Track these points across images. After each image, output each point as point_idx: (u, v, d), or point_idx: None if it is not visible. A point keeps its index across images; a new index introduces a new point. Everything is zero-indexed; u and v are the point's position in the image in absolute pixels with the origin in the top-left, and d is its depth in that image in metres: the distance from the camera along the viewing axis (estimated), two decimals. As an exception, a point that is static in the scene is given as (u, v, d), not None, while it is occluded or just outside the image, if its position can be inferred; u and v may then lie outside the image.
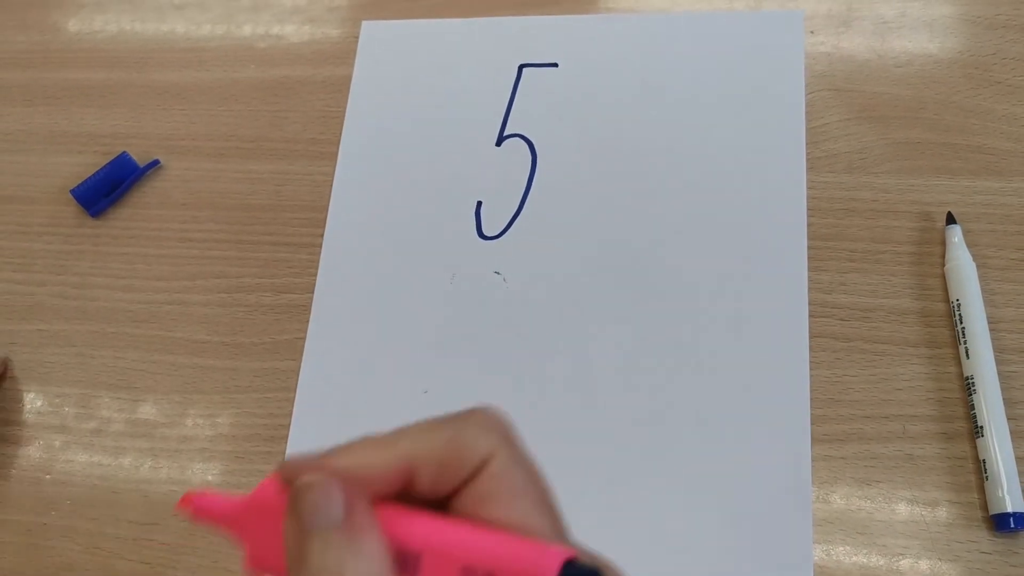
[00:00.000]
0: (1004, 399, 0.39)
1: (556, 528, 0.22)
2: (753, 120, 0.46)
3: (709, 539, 0.39)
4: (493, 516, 0.21)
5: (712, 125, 0.46)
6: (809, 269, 0.43)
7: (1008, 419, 0.39)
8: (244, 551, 0.23)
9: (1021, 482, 0.38)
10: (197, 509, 0.24)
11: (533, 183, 0.48)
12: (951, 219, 0.43)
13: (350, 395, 0.45)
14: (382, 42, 0.53)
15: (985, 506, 0.38)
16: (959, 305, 0.41)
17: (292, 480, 0.21)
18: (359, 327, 0.46)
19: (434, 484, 0.22)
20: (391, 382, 0.45)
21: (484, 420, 0.23)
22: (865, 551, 0.39)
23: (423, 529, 0.21)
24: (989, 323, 0.40)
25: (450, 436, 0.22)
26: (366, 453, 0.23)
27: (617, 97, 0.48)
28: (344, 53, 0.54)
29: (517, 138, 0.49)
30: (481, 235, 0.47)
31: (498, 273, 0.46)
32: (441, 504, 0.22)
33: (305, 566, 0.20)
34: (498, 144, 0.49)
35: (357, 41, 0.54)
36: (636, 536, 0.40)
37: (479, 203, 0.48)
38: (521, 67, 0.51)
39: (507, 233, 0.47)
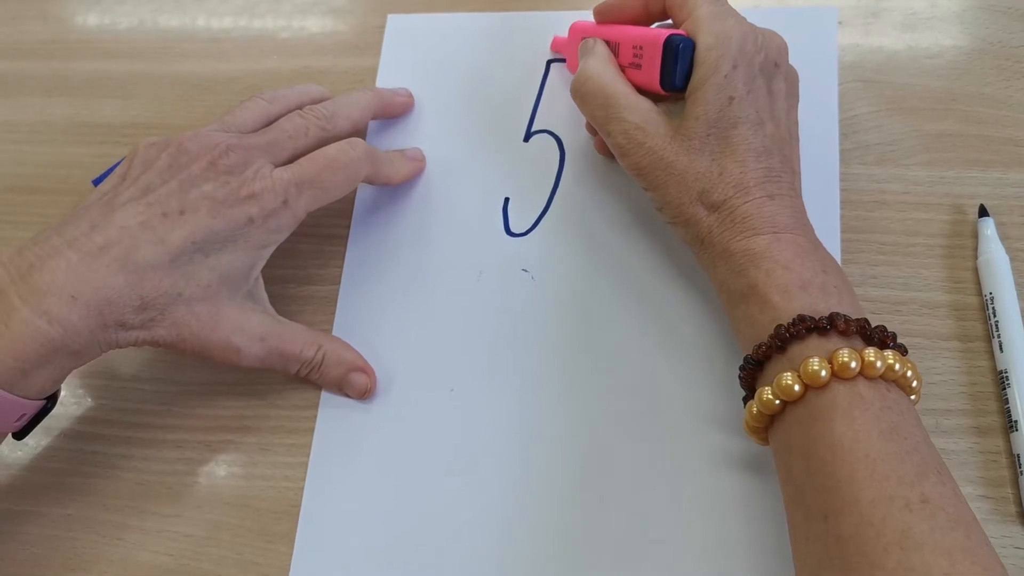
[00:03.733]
0: (1039, 393, 0.39)
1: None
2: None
3: (740, 535, 0.39)
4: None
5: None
6: (840, 262, 0.43)
7: (1043, 413, 0.38)
8: (567, 59, 0.49)
9: (1057, 477, 0.37)
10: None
11: (561, 180, 0.47)
12: (984, 212, 0.42)
13: (376, 392, 0.45)
14: (408, 36, 0.53)
15: (1019, 501, 0.38)
16: (992, 298, 0.41)
17: (583, 34, 0.45)
18: (384, 322, 0.46)
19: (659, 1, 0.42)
20: (416, 380, 0.45)
21: None
22: (898, 546, 0.38)
23: (618, 33, 0.42)
24: (1023, 316, 0.40)
25: None
26: (624, 2, 0.43)
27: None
28: (367, 44, 0.54)
29: (545, 134, 0.48)
30: (508, 232, 0.47)
31: (526, 271, 0.46)
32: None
33: (580, 67, 0.43)
34: (526, 140, 0.49)
35: (379, 32, 0.54)
36: (662, 528, 0.40)
37: (506, 200, 0.48)
38: (549, 62, 0.50)
39: (535, 230, 0.47)
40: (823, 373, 0.32)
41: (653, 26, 0.43)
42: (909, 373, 0.34)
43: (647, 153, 0.39)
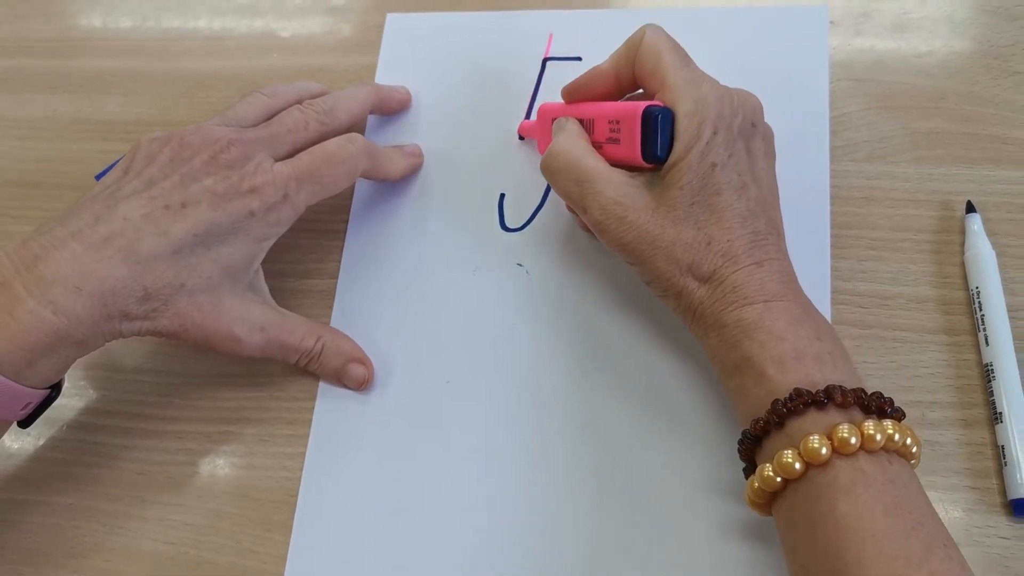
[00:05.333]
0: (1023, 386, 0.39)
1: (684, 59, 0.39)
2: (777, 114, 0.46)
3: (728, 529, 0.40)
4: (645, 71, 0.40)
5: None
6: (829, 257, 0.43)
7: (1027, 405, 0.39)
8: (538, 142, 0.47)
9: (1040, 467, 0.38)
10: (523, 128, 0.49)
11: None
12: (971, 208, 0.43)
13: (373, 383, 0.45)
14: (407, 34, 0.54)
15: (1004, 492, 0.39)
16: (978, 293, 0.41)
17: (551, 115, 0.44)
18: (382, 315, 0.47)
19: (628, 72, 0.40)
20: (413, 372, 0.45)
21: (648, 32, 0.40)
22: (884, 535, 0.39)
23: (591, 109, 0.41)
24: (1008, 311, 0.41)
25: (630, 43, 0.40)
26: (592, 80, 0.42)
27: (639, 87, 0.49)
28: (366, 43, 0.54)
29: None
30: (504, 227, 0.48)
31: (520, 265, 0.47)
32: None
33: (551, 144, 0.41)
34: (522, 138, 0.49)
35: (379, 31, 0.54)
36: (656, 521, 0.40)
37: (502, 195, 0.48)
38: (545, 60, 0.51)
39: (530, 225, 0.47)
40: (824, 451, 0.32)
41: (623, 99, 0.42)
42: (908, 440, 0.33)
43: (629, 228, 0.38)
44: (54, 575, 0.44)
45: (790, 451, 0.33)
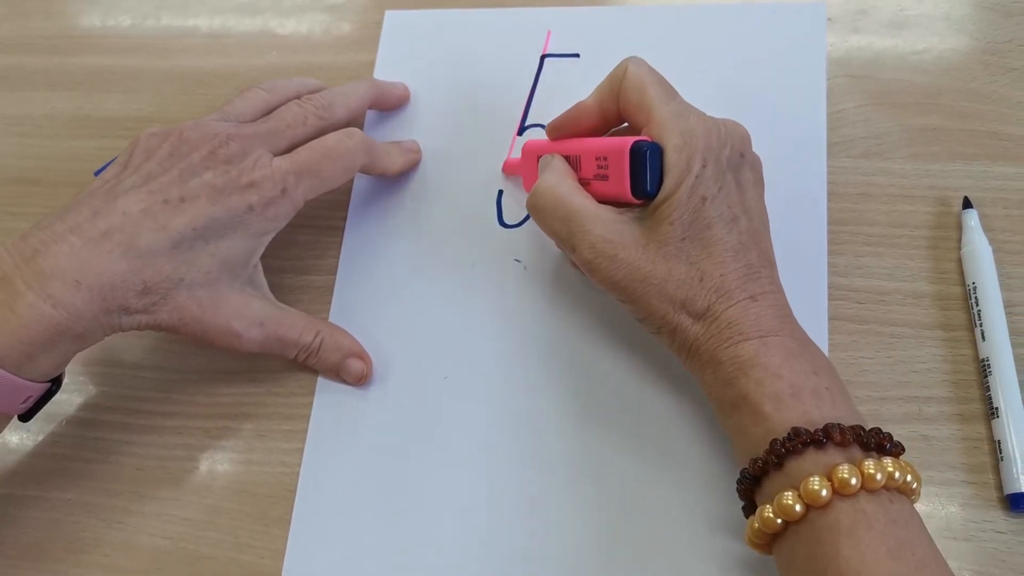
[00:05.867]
0: (1020, 381, 0.39)
1: (669, 93, 0.39)
2: (774, 111, 0.46)
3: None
4: (630, 104, 0.39)
5: (734, 116, 0.46)
6: (826, 253, 0.44)
7: (1023, 401, 0.39)
8: (523, 179, 0.47)
9: (1036, 462, 0.38)
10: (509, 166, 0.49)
11: None
12: (967, 203, 0.43)
13: (371, 379, 0.46)
14: (405, 31, 0.54)
15: (1000, 486, 0.39)
16: (975, 288, 0.41)
17: (536, 152, 0.44)
18: (380, 311, 0.47)
19: (613, 106, 0.40)
20: (411, 367, 0.45)
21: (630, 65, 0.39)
22: (881, 530, 0.39)
23: (577, 146, 0.41)
24: (1005, 306, 0.41)
25: (612, 77, 0.40)
26: (577, 116, 0.41)
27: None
28: (365, 40, 0.55)
29: (539, 128, 0.49)
30: (502, 223, 0.48)
31: (519, 261, 0.47)
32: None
33: (537, 182, 0.40)
34: (520, 134, 0.50)
35: (377, 28, 0.54)
36: (650, 519, 0.40)
37: (500, 191, 0.49)
38: (543, 57, 0.51)
39: (528, 221, 0.47)
40: (824, 492, 0.31)
41: (609, 133, 0.42)
42: (909, 477, 0.32)
43: (620, 266, 0.37)
44: (53, 570, 0.44)
45: (790, 493, 0.32)
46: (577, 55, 0.51)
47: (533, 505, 0.42)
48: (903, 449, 0.34)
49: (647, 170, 0.37)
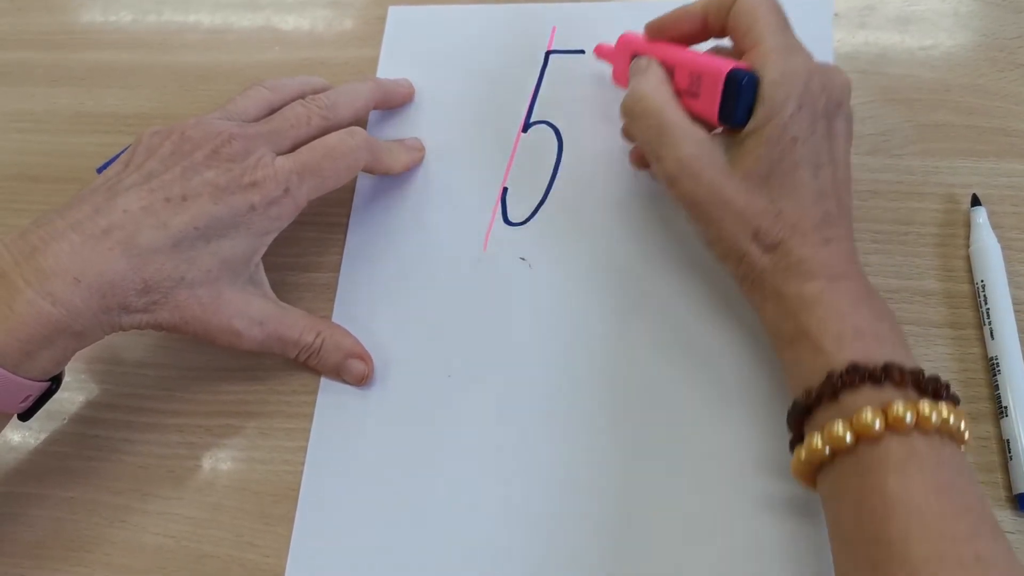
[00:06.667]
0: (1029, 380, 0.39)
1: (782, 24, 0.39)
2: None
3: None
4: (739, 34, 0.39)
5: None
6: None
7: (1032, 399, 0.39)
8: (613, 68, 0.47)
9: (1045, 462, 0.38)
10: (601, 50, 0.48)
11: (559, 170, 0.48)
12: (976, 201, 0.43)
13: (374, 378, 0.45)
14: (408, 27, 0.54)
15: (1009, 486, 0.38)
16: (984, 286, 0.41)
17: (631, 48, 0.44)
18: (383, 309, 0.47)
19: (720, 19, 0.40)
20: (415, 366, 0.45)
21: None
22: (888, 529, 0.39)
23: (674, 55, 0.41)
24: (1014, 304, 0.40)
25: None
26: (679, 20, 0.42)
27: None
28: (368, 36, 0.54)
29: (543, 124, 0.49)
30: (507, 221, 0.47)
31: (523, 259, 0.46)
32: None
33: (634, 85, 0.41)
34: (524, 130, 0.49)
35: (380, 24, 0.54)
36: (657, 511, 0.40)
37: (504, 189, 0.48)
38: (547, 54, 0.51)
39: (533, 219, 0.47)
40: (877, 425, 0.31)
41: (708, 48, 0.42)
42: (963, 426, 0.33)
43: (703, 186, 0.38)
44: (55, 569, 0.44)
45: (841, 422, 0.32)
46: (582, 51, 0.51)
47: (540, 503, 0.41)
48: (959, 400, 0.34)
49: (739, 100, 0.37)
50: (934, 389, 0.33)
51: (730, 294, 0.43)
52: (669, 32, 0.42)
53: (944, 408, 0.32)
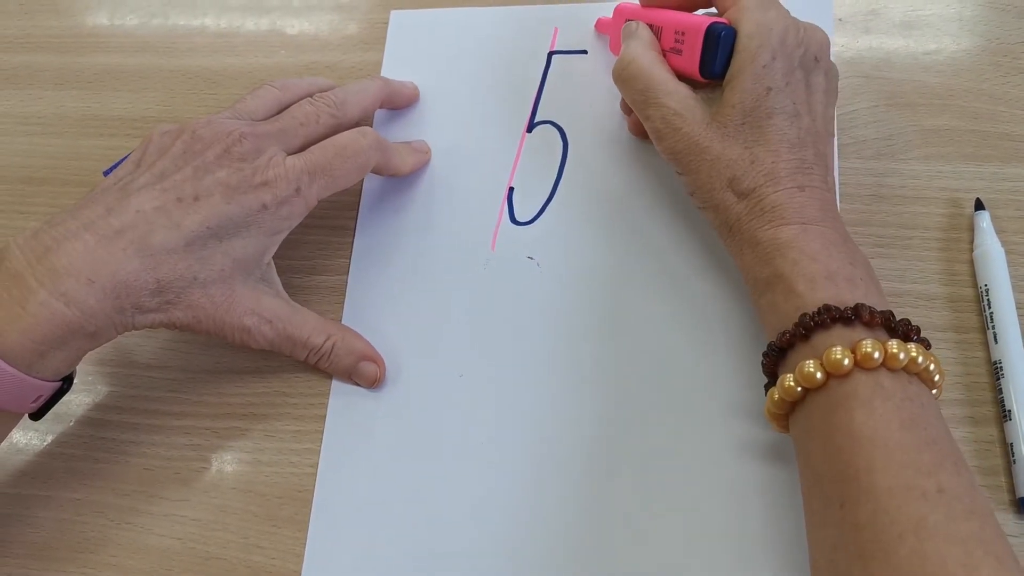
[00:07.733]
0: (1033, 383, 0.39)
1: None
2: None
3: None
4: None
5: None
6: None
7: (1036, 403, 0.39)
8: (610, 39, 0.49)
9: (1050, 464, 0.38)
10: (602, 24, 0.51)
11: (564, 169, 0.48)
12: (980, 205, 0.43)
13: (384, 381, 0.45)
14: (412, 31, 0.54)
15: (1012, 489, 0.39)
16: (987, 291, 0.41)
17: (625, 15, 0.46)
18: (393, 311, 0.47)
19: None
20: (425, 367, 0.45)
21: None
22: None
23: (661, 17, 0.43)
24: (1017, 308, 0.41)
25: None
26: None
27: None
28: (372, 39, 0.54)
29: (548, 124, 0.49)
30: (513, 220, 0.48)
31: (531, 258, 0.47)
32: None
33: (622, 51, 0.43)
34: (529, 131, 0.49)
35: (384, 27, 0.54)
36: (676, 512, 0.40)
37: (511, 189, 0.48)
38: (550, 54, 0.51)
39: (540, 218, 0.47)
40: (846, 362, 0.32)
41: (698, 13, 0.44)
42: (932, 367, 0.33)
43: (683, 138, 0.40)
44: (61, 570, 0.44)
45: (812, 361, 0.33)
46: (584, 51, 0.51)
47: (553, 502, 0.41)
48: (930, 344, 0.35)
49: (717, 52, 0.39)
50: (904, 331, 0.34)
51: (744, 293, 0.43)
52: (661, 2, 0.44)
53: (913, 348, 0.33)
